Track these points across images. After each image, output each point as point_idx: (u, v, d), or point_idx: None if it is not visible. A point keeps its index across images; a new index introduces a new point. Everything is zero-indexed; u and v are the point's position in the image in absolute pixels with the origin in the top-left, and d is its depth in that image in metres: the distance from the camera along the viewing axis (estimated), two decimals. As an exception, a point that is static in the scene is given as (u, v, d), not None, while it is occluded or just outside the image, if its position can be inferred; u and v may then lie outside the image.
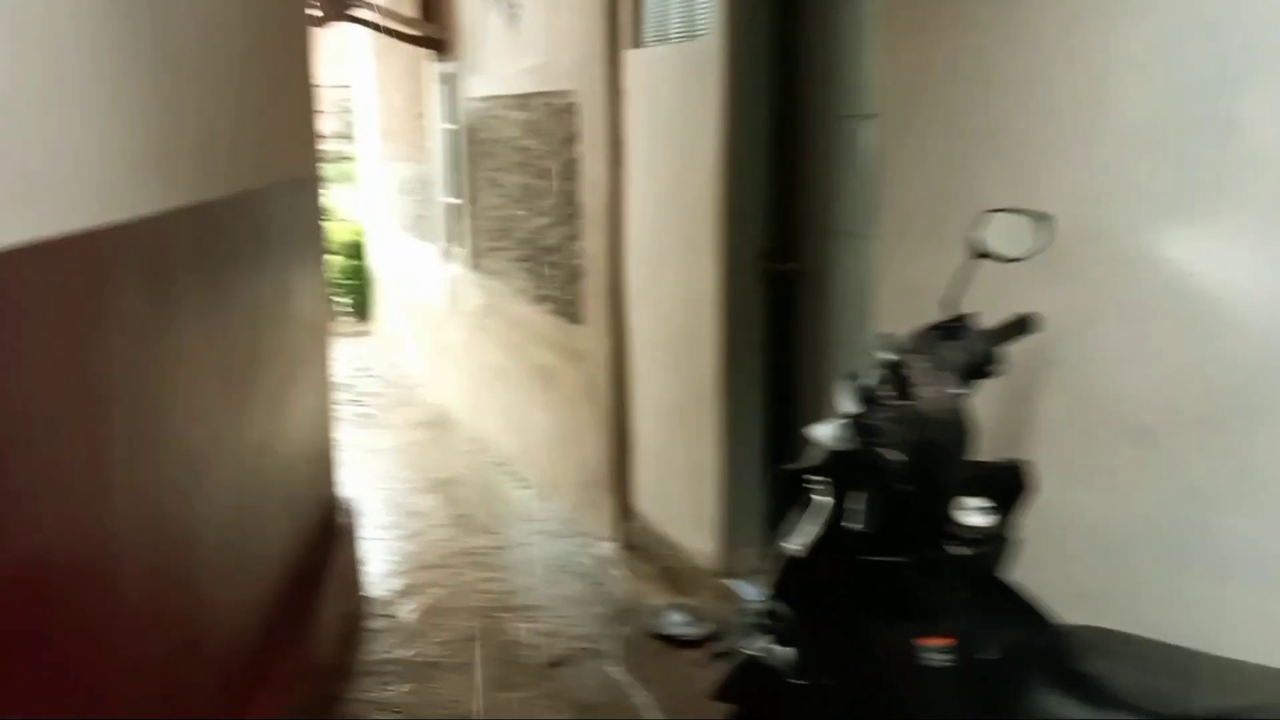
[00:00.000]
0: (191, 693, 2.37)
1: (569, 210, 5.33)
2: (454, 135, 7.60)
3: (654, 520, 4.66)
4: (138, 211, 2.00)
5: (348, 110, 13.55)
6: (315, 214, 4.22)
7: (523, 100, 5.92)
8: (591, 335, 5.09)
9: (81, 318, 1.80)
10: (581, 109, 5.07)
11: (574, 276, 5.32)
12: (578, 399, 5.31)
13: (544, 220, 5.70)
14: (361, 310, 12.33)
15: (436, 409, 8.14)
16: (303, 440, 3.74)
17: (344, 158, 16.37)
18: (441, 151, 8.05)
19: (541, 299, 5.80)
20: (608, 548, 4.86)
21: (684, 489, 4.38)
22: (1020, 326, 2.12)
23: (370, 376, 9.57)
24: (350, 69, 11.71)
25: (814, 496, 1.99)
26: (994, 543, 1.89)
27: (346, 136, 15.62)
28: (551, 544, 5.10)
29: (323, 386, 4.22)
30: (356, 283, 12.50)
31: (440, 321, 8.20)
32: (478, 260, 7.09)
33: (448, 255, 7.95)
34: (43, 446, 1.67)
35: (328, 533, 3.94)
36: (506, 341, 6.48)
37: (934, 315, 2.12)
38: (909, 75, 2.99)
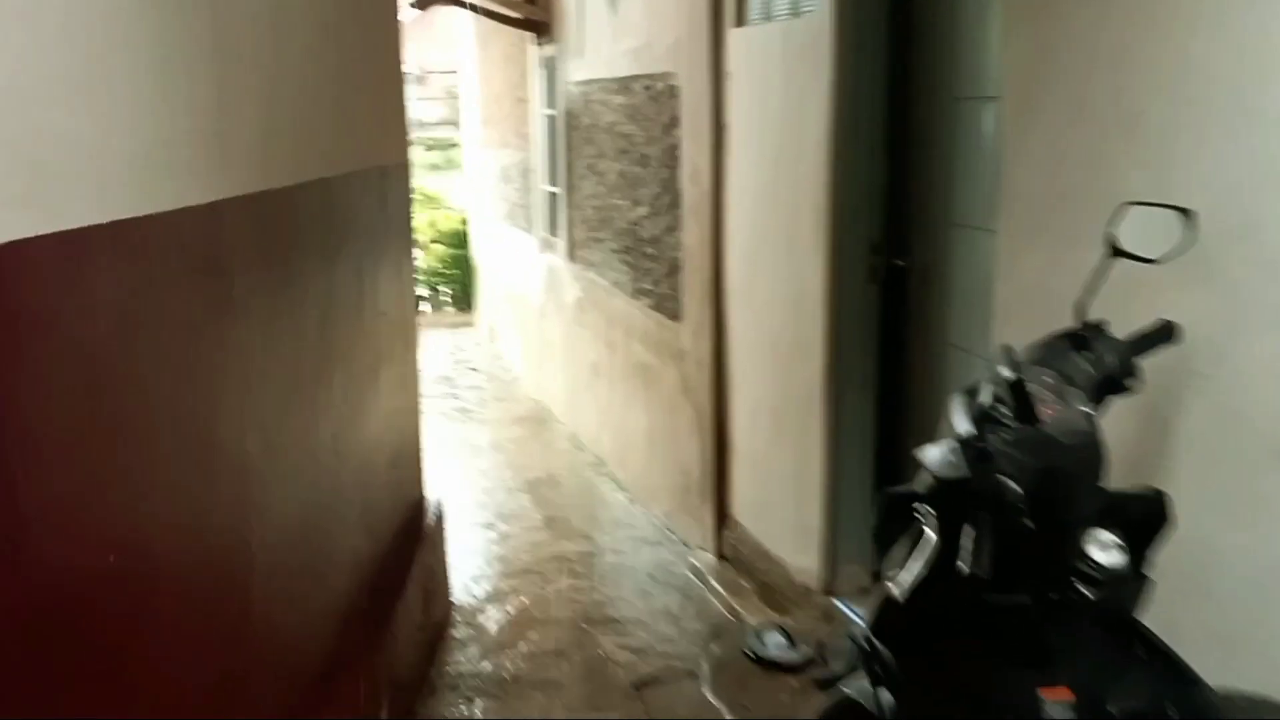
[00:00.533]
0: (250, 708, 2.29)
1: (668, 199, 5.17)
2: (554, 121, 7.50)
3: (753, 531, 4.48)
4: (183, 201, 1.89)
5: (456, 96, 13.62)
6: (402, 204, 4.11)
7: (623, 84, 5.77)
8: (689, 332, 4.92)
9: (118, 313, 1.71)
10: (682, 92, 4.89)
11: (672, 270, 5.15)
12: (675, 399, 5.14)
13: (643, 210, 5.55)
14: (464, 300, 12.37)
15: (535, 404, 8.06)
16: (384, 441, 3.64)
17: (451, 144, 16.50)
18: (542, 138, 7.96)
19: (639, 293, 5.66)
20: (704, 558, 4.68)
21: (785, 499, 4.18)
22: (1159, 336, 1.88)
23: (470, 369, 9.55)
24: (457, 55, 11.73)
25: (922, 528, 1.80)
26: (1126, 583, 1.67)
27: (454, 123, 15.73)
28: (645, 552, 4.95)
29: (409, 385, 4.12)
30: (459, 272, 12.54)
31: (539, 314, 8.12)
32: (575, 251, 6.97)
33: (546, 245, 7.86)
34: (75, 455, 1.57)
35: (411, 537, 3.85)
36: (604, 337, 6.35)
37: (1061, 321, 1.90)
38: (1036, 54, 2.74)
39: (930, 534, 1.74)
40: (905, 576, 1.76)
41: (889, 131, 3.75)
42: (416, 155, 22.16)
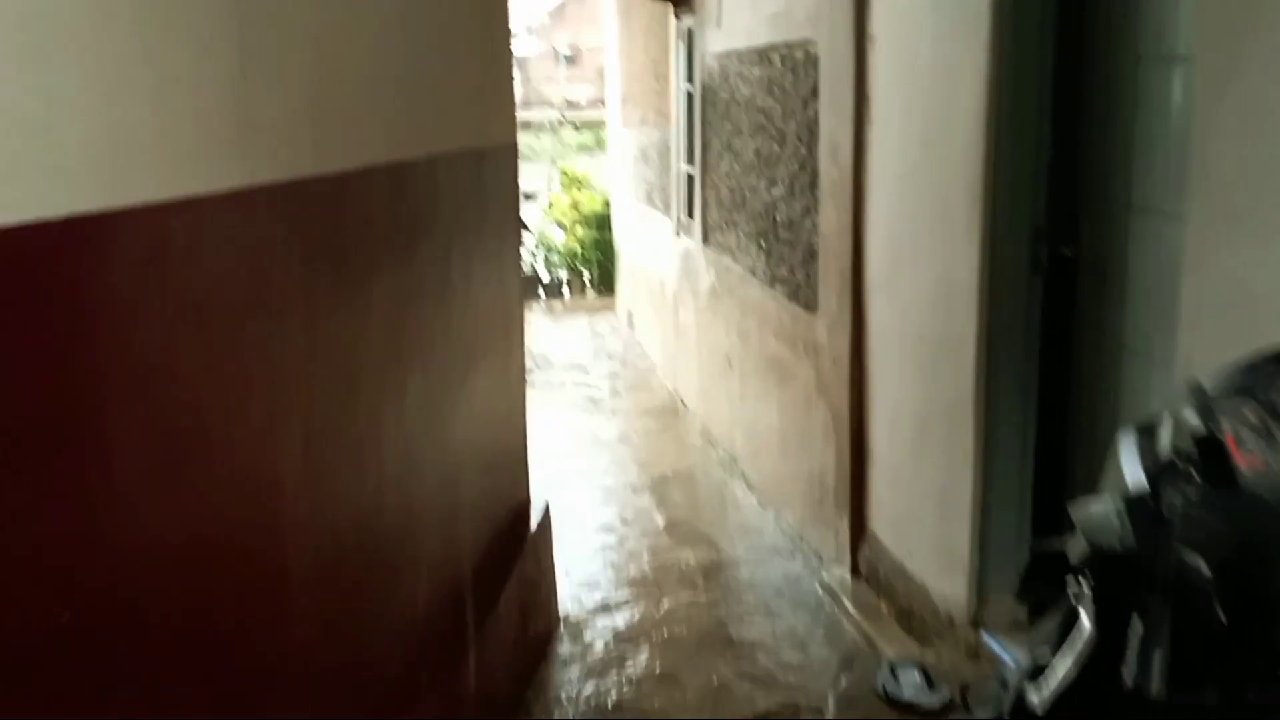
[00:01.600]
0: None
1: (805, 179, 4.75)
2: (692, 97, 7.13)
3: (892, 548, 4.05)
4: (156, 194, 1.61)
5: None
6: (505, 190, 3.80)
7: (761, 54, 5.37)
8: (826, 326, 4.50)
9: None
10: (822, 60, 4.47)
11: (808, 256, 4.74)
12: (809, 398, 4.74)
13: (779, 191, 5.15)
14: (606, 284, 12.13)
15: (668, 395, 7.74)
16: (478, 445, 3.36)
17: (601, 124, 16.33)
18: (680, 115, 7.60)
19: (774, 281, 5.26)
20: (837, 574, 4.27)
21: (930, 516, 3.75)
22: None
23: (606, 356, 9.30)
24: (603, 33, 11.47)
25: (1076, 606, 1.40)
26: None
27: (602, 102, 15.50)
28: (773, 564, 4.57)
29: (511, 380, 3.83)
30: (601, 255, 12.31)
31: (674, 300, 7.79)
32: (710, 235, 6.61)
33: (682, 228, 7.52)
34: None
35: (511, 546, 3.56)
36: (737, 326, 5.97)
37: (1268, 330, 1.45)
38: (1236, 3, 2.27)
39: (1085, 621, 1.34)
40: (1049, 681, 1.36)
41: (1056, 99, 3.27)
42: (567, 136, 22.09)
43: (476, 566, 3.18)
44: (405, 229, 2.64)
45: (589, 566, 4.53)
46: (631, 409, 7.54)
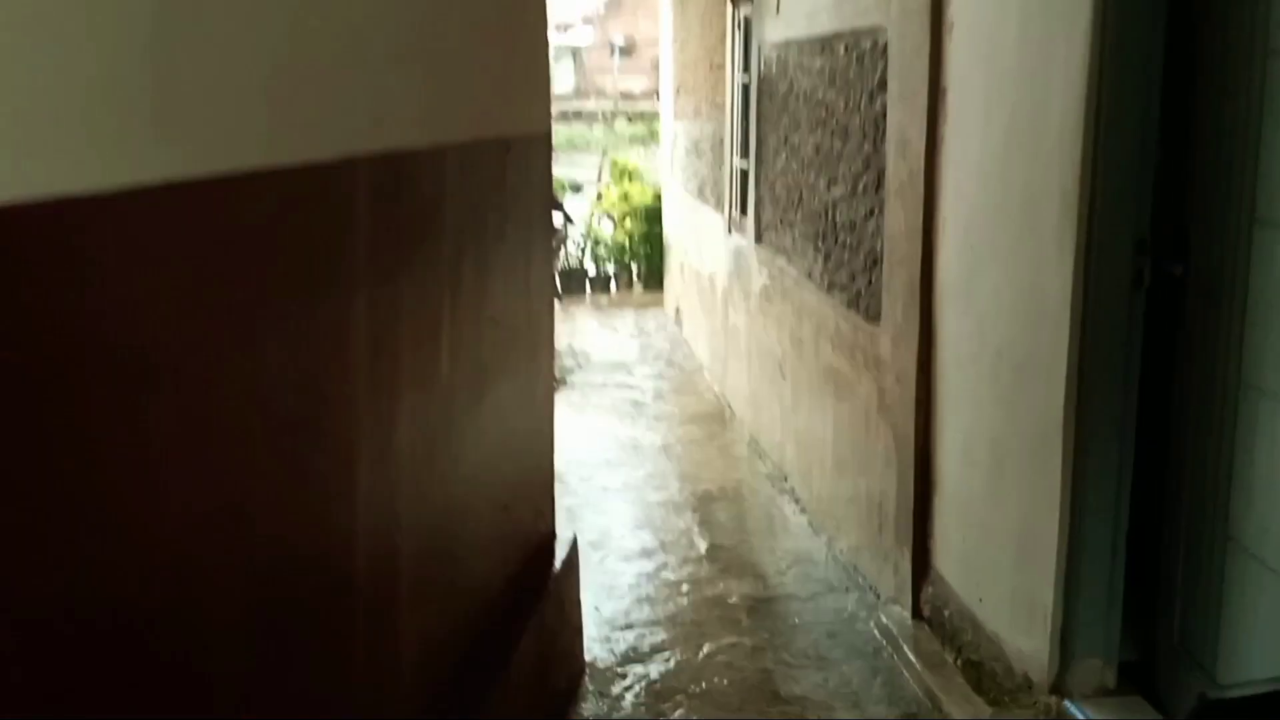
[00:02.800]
0: None
1: (869, 179, 4.29)
2: (748, 90, 6.67)
3: (960, 591, 3.59)
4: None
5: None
6: (534, 185, 3.38)
7: (823, 43, 4.91)
8: (889, 338, 4.04)
9: None
10: (891, 49, 4.00)
11: (871, 261, 4.28)
12: (869, 416, 4.28)
13: (839, 190, 4.69)
14: (655, 279, 11.70)
15: (715, 400, 7.30)
16: (491, 478, 2.95)
17: (655, 116, 15.88)
18: (735, 108, 7.15)
19: (832, 286, 4.80)
20: (896, 615, 3.82)
21: (1006, 560, 3.29)
22: None
23: (651, 355, 8.87)
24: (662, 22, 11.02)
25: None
26: None
27: (656, 94, 15.04)
28: (826, 600, 4.12)
29: (537, 400, 3.41)
30: (650, 249, 11.88)
31: (723, 299, 7.34)
32: (764, 233, 6.15)
33: (734, 225, 7.07)
34: None
35: (530, 590, 3.15)
36: (791, 332, 5.52)
37: None
38: None
39: None
40: None
41: (1166, 94, 2.80)
42: (620, 127, 21.75)
43: (484, 620, 2.76)
44: (400, 233, 2.21)
45: (621, 602, 4.10)
46: (676, 414, 7.11)
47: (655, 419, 7.01)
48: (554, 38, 25.75)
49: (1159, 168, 2.84)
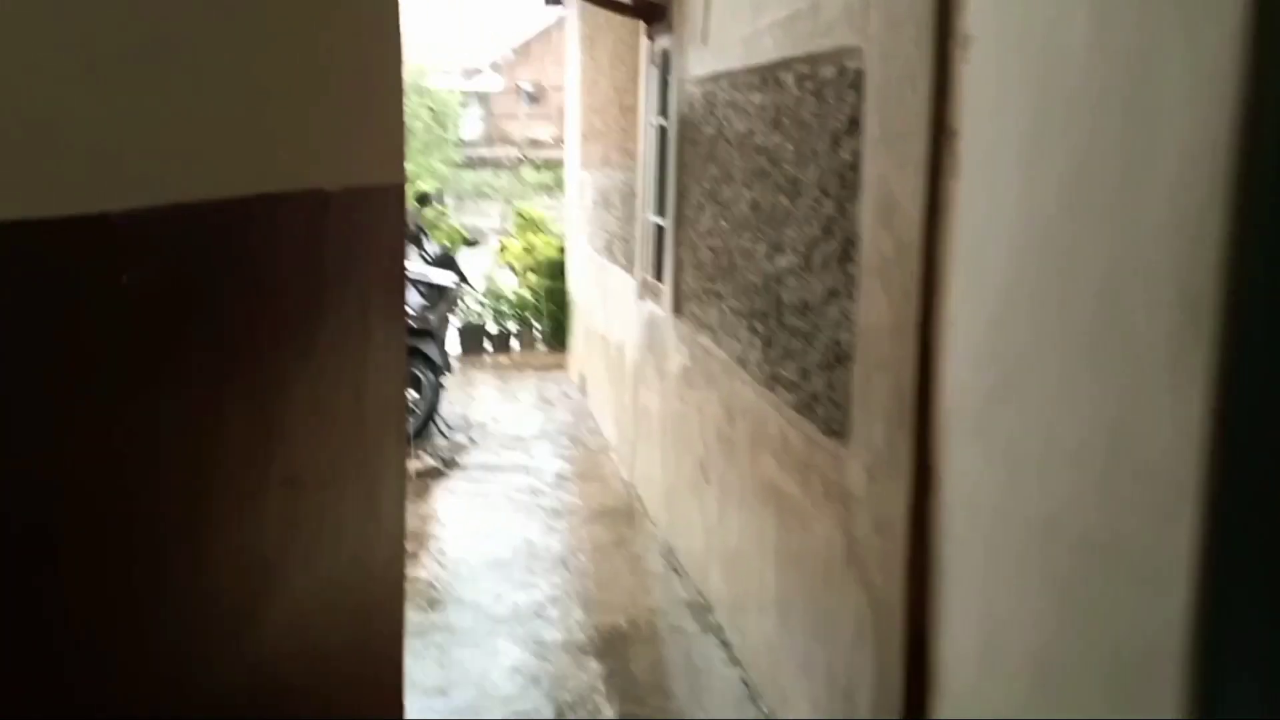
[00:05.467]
0: None
1: (832, 249, 3.17)
2: (665, 133, 5.56)
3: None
4: None
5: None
6: (369, 248, 2.20)
7: (765, 74, 3.80)
8: (863, 466, 2.90)
9: None
10: (869, 77, 2.89)
11: (834, 357, 3.14)
12: (832, 565, 3.12)
13: (787, 260, 3.56)
14: (558, 339, 10.49)
15: (624, 491, 6.11)
16: (302, 651, 1.75)
17: (559, 164, 14.74)
18: (649, 155, 6.02)
19: (775, 382, 3.65)
20: None
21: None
22: None
23: (555, 430, 7.65)
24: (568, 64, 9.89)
25: None
26: None
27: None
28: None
29: (381, 530, 2.22)
30: (554, 307, 10.68)
31: (634, 374, 6.17)
32: (684, 304, 5.01)
33: (647, 291, 5.92)
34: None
35: None
36: (718, 429, 4.36)
37: None
38: None
39: None
40: None
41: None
42: (526, 175, 20.58)
43: None
44: (149, 320, 1.03)
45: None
46: (579, 508, 5.89)
47: (555, 513, 5.78)
48: (461, 83, 24.52)
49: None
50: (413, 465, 6.61)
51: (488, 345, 10.84)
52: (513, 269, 11.38)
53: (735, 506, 4.09)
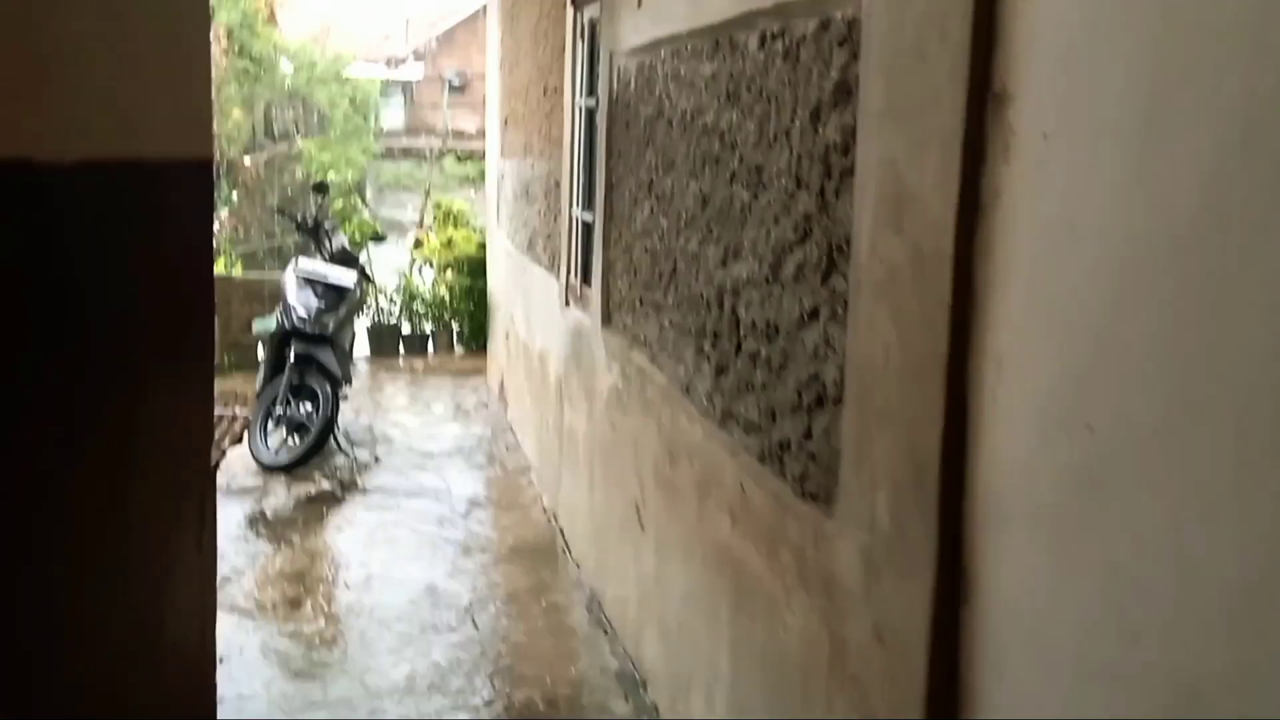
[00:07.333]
0: None
1: (811, 255, 2.39)
2: (594, 116, 4.76)
3: None
4: None
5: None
6: (168, 233, 1.41)
7: (717, 36, 3.02)
8: (858, 551, 2.13)
9: None
10: (869, 27, 2.12)
11: (816, 398, 2.37)
12: (811, 674, 2.35)
13: (747, 268, 2.78)
14: (476, 339, 9.63)
15: (545, 522, 5.30)
16: None
17: (482, 155, 13.88)
18: (577, 142, 5.22)
19: (730, 419, 2.88)
20: None
21: None
22: None
23: (470, 447, 6.81)
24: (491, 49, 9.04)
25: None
26: None
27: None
28: None
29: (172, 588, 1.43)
30: (473, 307, 9.82)
31: (556, 389, 5.37)
32: (614, 314, 4.22)
33: (572, 296, 5.12)
34: None
35: None
36: (656, 466, 3.58)
37: None
38: None
39: None
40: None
41: None
42: (448, 167, 19.62)
43: None
44: None
45: None
46: (493, 543, 5.08)
47: (465, 550, 4.96)
48: (384, 72, 23.42)
49: None
50: (304, 489, 5.74)
51: (401, 348, 9.95)
52: (430, 265, 10.50)
53: (680, 566, 3.31)
